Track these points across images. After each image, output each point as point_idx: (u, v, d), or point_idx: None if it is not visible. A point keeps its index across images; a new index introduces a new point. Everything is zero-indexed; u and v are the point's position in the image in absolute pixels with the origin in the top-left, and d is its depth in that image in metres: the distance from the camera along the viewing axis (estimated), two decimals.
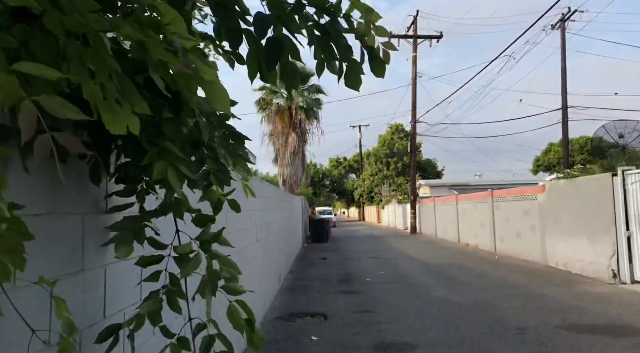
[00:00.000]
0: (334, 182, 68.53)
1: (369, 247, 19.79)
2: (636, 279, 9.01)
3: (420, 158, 52.06)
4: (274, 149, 26.87)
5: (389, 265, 13.42)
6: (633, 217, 9.03)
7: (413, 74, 28.64)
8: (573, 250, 10.77)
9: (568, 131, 27.60)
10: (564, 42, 26.55)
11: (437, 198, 24.47)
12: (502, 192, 15.42)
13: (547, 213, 12.10)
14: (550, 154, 56.51)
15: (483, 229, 17.08)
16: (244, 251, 5.83)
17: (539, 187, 12.72)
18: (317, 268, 13.19)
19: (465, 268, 12.43)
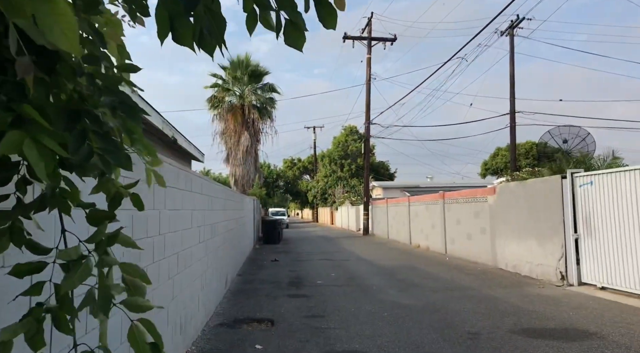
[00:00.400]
0: (288, 183, 68.04)
1: (321, 249, 19.50)
2: (583, 281, 9.10)
3: (373, 160, 52.43)
4: (225, 148, 26.18)
5: (340, 267, 13.16)
6: (581, 220, 9.12)
7: (367, 75, 28.65)
8: (522, 252, 10.84)
9: (515, 135, 28.30)
10: (512, 49, 27.23)
11: (389, 200, 24.51)
12: (453, 194, 15.49)
13: (497, 215, 12.17)
14: (498, 158, 58.24)
15: (434, 231, 17.13)
16: (184, 253, 5.36)
17: (490, 189, 12.80)
18: (268, 270, 12.75)
19: (417, 269, 12.33)
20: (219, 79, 26.23)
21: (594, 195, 8.77)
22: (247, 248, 16.97)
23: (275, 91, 27.03)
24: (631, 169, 7.87)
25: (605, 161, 10.40)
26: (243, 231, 14.66)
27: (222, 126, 26.23)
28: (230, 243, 10.45)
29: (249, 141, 25.62)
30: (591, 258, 8.86)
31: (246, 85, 26.23)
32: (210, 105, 25.95)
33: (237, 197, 12.46)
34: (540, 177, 10.57)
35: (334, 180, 50.57)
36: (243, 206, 14.52)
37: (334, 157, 52.34)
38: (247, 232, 16.62)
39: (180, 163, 13.32)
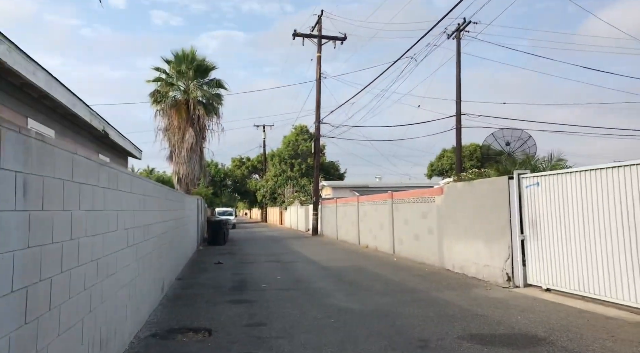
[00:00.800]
0: (236, 182, 66.84)
1: (268, 250, 18.99)
2: (529, 282, 9.08)
3: (323, 160, 52.30)
4: (169, 145, 25.11)
5: (287, 270, 12.72)
6: (527, 221, 9.11)
7: (317, 74, 28.36)
8: (469, 253, 10.78)
9: (461, 137, 28.81)
10: (459, 51, 27.69)
11: (339, 200, 24.30)
12: (402, 194, 15.38)
13: (444, 216, 12.11)
14: (444, 159, 59.56)
15: (383, 231, 17.00)
16: (107, 259, 4.77)
17: (438, 189, 12.73)
18: (210, 273, 12.13)
19: (365, 271, 12.07)
20: (162, 73, 25.14)
21: (540, 196, 8.76)
22: (190, 250, 16.23)
23: (222, 87, 26.20)
24: (577, 171, 7.89)
25: (549, 162, 10.49)
26: (185, 232, 13.95)
27: (166, 122, 25.15)
28: (168, 246, 9.79)
29: (194, 138, 24.67)
30: (537, 260, 8.85)
31: (191, 80, 25.28)
32: (152, 100, 24.80)
33: (177, 196, 11.78)
34: (487, 177, 10.54)
35: (284, 180, 50.06)
36: (184, 206, 13.81)
37: (284, 156, 51.86)
38: (189, 233, 15.88)
39: (116, 160, 12.51)
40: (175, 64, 24.83)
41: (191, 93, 24.84)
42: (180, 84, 25.38)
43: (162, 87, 24.90)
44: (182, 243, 13.24)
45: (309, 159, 46.08)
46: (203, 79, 26.05)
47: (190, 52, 25.23)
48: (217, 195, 62.61)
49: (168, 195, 9.92)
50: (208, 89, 25.72)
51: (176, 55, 25.07)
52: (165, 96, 24.89)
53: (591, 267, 7.58)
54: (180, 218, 12.66)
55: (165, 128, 25.27)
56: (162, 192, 8.96)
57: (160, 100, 24.73)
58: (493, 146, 32.64)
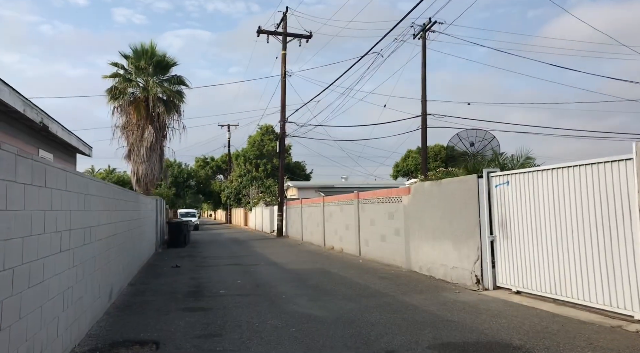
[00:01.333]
0: (200, 183, 65.35)
1: (230, 252, 18.29)
2: (498, 285, 8.79)
3: (289, 160, 51.72)
4: (127, 143, 24.04)
5: (248, 273, 12.11)
6: (497, 221, 8.81)
7: (282, 72, 27.78)
8: (437, 254, 10.45)
9: (427, 137, 28.73)
10: (424, 51, 27.60)
11: (304, 200, 23.78)
12: (368, 194, 14.99)
13: (412, 216, 11.75)
14: (409, 160, 59.79)
15: (348, 232, 16.58)
16: (30, 267, 4.11)
17: (405, 188, 12.37)
18: (166, 278, 11.41)
19: (330, 274, 11.59)
20: (120, 68, 24.04)
21: (510, 195, 8.47)
22: (147, 253, 15.40)
23: (183, 84, 25.29)
24: (549, 168, 7.61)
25: (518, 161, 10.27)
26: (140, 234, 13.16)
27: (124, 120, 24.07)
28: (118, 249, 9.06)
29: (154, 136, 23.68)
30: (507, 262, 8.56)
31: (151, 76, 24.30)
32: (110, 96, 23.67)
33: (130, 196, 11.01)
34: (455, 176, 10.23)
35: (249, 180, 49.20)
36: (140, 207, 13.01)
37: (249, 156, 51.01)
38: (146, 235, 15.06)
39: (62, 157, 11.62)
40: (134, 60, 23.80)
41: (151, 90, 23.84)
42: (139, 80, 24.34)
43: (119, 83, 23.80)
44: (138, 246, 12.46)
45: (274, 159, 45.37)
46: (163, 76, 25.08)
47: (150, 47, 24.25)
48: (180, 196, 61.10)
49: (118, 194, 9.19)
50: (169, 86, 24.75)
51: (135, 51, 24.05)
52: (123, 93, 23.82)
53: (563, 269, 7.31)
54: (135, 220, 11.89)
55: (124, 126, 24.18)
56: (110, 191, 8.23)
57: (117, 97, 23.64)
58: (458, 147, 32.81)
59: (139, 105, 23.53)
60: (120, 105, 24.00)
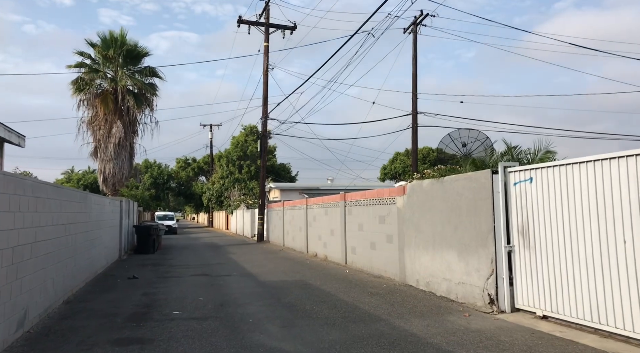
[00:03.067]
0: (181, 184, 63.10)
1: (202, 260, 16.41)
2: (518, 306, 7.10)
3: (274, 162, 49.83)
4: (93, 139, 22.08)
5: (215, 287, 10.28)
6: (515, 227, 7.12)
7: (264, 65, 25.98)
8: (438, 266, 8.73)
9: (417, 136, 27.14)
10: (415, 46, 26.03)
11: (286, 203, 21.98)
12: (356, 195, 13.25)
13: (407, 221, 10.04)
14: (397, 163, 58.35)
15: (333, 238, 14.82)
16: None
17: (399, 188, 10.66)
18: (114, 293, 9.54)
19: (310, 288, 9.82)
20: (86, 58, 22.10)
21: (534, 195, 6.80)
22: (103, 261, 13.47)
23: (156, 76, 23.46)
24: (588, 160, 5.94)
25: (536, 155, 8.62)
26: (90, 240, 11.26)
27: (91, 114, 22.14)
28: (42, 260, 7.21)
29: (123, 132, 21.78)
30: (528, 278, 6.87)
31: (120, 66, 22.39)
32: (74, 88, 21.71)
33: (72, 196, 9.13)
34: (460, 173, 8.53)
35: (231, 182, 47.16)
36: (89, 208, 11.12)
37: (232, 157, 48.94)
38: (102, 240, 13.14)
39: None
40: (102, 48, 21.86)
41: (119, 81, 21.92)
42: (107, 70, 22.42)
43: (86, 73, 21.84)
44: (85, 255, 10.57)
45: (258, 160, 43.43)
46: (134, 66, 23.22)
47: (119, 36, 22.34)
48: (160, 198, 58.82)
49: (45, 192, 7.33)
50: (140, 78, 22.86)
51: (103, 39, 22.13)
52: (90, 84, 21.85)
53: (609, 289, 5.63)
54: (80, 223, 10.01)
55: (90, 121, 22.25)
56: (26, 188, 6.38)
57: (83, 89, 21.68)
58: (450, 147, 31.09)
59: (107, 98, 21.59)
60: (86, 98, 22.06)
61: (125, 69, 22.56)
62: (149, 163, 60.33)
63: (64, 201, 8.50)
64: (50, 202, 7.55)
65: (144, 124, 23.34)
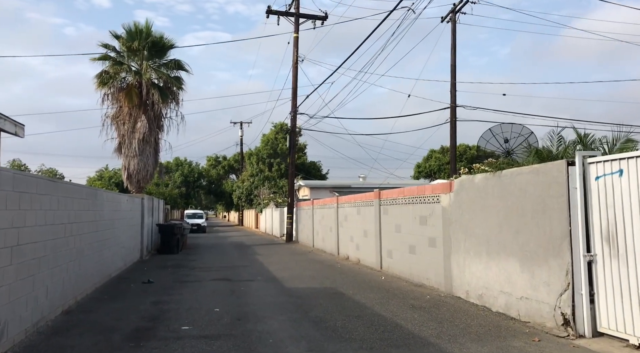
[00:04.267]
0: (211, 182, 62.80)
1: (227, 261, 15.40)
2: (600, 329, 5.69)
3: (304, 160, 48.80)
4: (117, 135, 21.34)
5: (234, 295, 9.17)
6: (598, 231, 5.72)
7: (294, 57, 24.87)
8: (495, 277, 7.37)
9: (456, 131, 25.55)
10: (454, 35, 24.49)
11: (315, 201, 20.80)
12: (392, 193, 11.94)
13: (454, 222, 8.69)
14: (432, 161, 56.46)
15: (367, 240, 13.55)
16: None
17: (444, 184, 9.30)
18: (122, 301, 8.54)
19: (342, 298, 8.59)
20: (111, 50, 21.39)
21: (625, 191, 5.39)
22: (120, 262, 12.58)
23: (182, 69, 22.52)
24: None
25: (614, 144, 7.16)
26: (102, 240, 10.34)
27: (114, 108, 21.43)
28: (41, 264, 6.24)
29: (147, 127, 20.96)
30: (617, 294, 5.47)
31: (145, 59, 21.60)
32: (98, 81, 21.01)
33: (75, 192, 8.15)
34: (523, 165, 7.14)
35: (261, 180, 46.32)
36: (102, 206, 10.19)
37: (262, 155, 48.08)
38: (119, 241, 12.25)
39: None
40: (126, 40, 21.05)
41: (144, 74, 21.12)
42: (132, 63, 21.66)
43: (110, 67, 21.11)
44: (95, 257, 9.63)
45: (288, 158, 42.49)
46: (160, 59, 22.35)
47: (144, 27, 21.54)
48: (190, 196, 58.65)
49: (37, 187, 6.34)
50: (165, 71, 22.01)
51: (128, 31, 21.35)
52: (114, 77, 21.13)
53: None
54: (88, 222, 9.07)
55: (114, 115, 21.52)
56: (7, 181, 5.37)
57: (107, 82, 20.94)
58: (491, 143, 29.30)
59: (131, 92, 20.78)
60: (110, 93, 21.35)
61: (150, 61, 21.78)
62: (180, 161, 60.25)
63: (63, 197, 7.52)
64: (42, 198, 6.55)
65: (170, 119, 22.48)
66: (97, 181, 52.10)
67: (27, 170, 33.38)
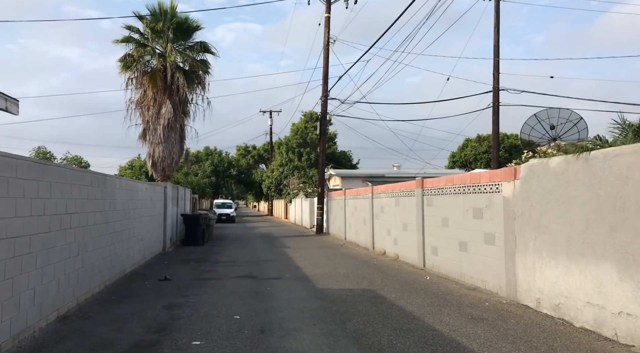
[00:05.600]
0: (241, 172, 62.17)
1: (252, 255, 14.27)
2: None
3: (334, 149, 47.51)
4: (142, 121, 20.46)
5: (258, 297, 7.97)
6: None
7: (325, 39, 23.49)
8: (578, 284, 5.92)
9: (499, 116, 23.67)
10: (497, 14, 22.63)
11: (348, 191, 19.47)
12: (438, 181, 10.51)
13: (520, 215, 7.24)
14: (467, 150, 54.27)
15: (407, 234, 12.17)
16: None
17: (506, 171, 7.82)
18: (128, 305, 7.44)
19: (385, 304, 7.28)
20: (135, 32, 20.46)
21: None
22: (138, 256, 11.58)
23: (208, 51, 21.46)
24: None
25: None
26: (114, 233, 9.30)
27: (139, 93, 20.53)
28: (24, 263, 5.14)
29: (172, 113, 19.98)
30: None
31: (170, 41, 20.58)
32: (122, 65, 20.11)
33: (74, 177, 7.05)
34: (618, 146, 5.63)
35: (290, 170, 45.24)
36: (113, 194, 9.13)
37: (292, 145, 46.96)
38: (136, 232, 11.24)
39: None
40: (150, 22, 20.09)
41: (168, 57, 20.12)
42: (156, 46, 20.69)
43: (134, 49, 20.18)
44: (103, 251, 8.59)
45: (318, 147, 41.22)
46: (185, 42, 21.34)
47: (169, 8, 20.50)
48: (220, 185, 58.12)
49: (16, 170, 5.23)
50: (191, 54, 20.98)
51: (152, 12, 20.35)
52: (138, 61, 20.18)
53: None
54: (94, 212, 8.01)
55: (138, 101, 20.62)
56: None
57: (130, 66, 20.03)
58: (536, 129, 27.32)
59: (155, 76, 19.81)
60: (135, 77, 20.44)
61: (175, 44, 20.76)
62: (210, 150, 59.72)
63: (58, 184, 6.42)
64: (25, 184, 5.44)
65: (196, 105, 21.51)
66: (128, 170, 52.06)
67: (52, 158, 33.07)
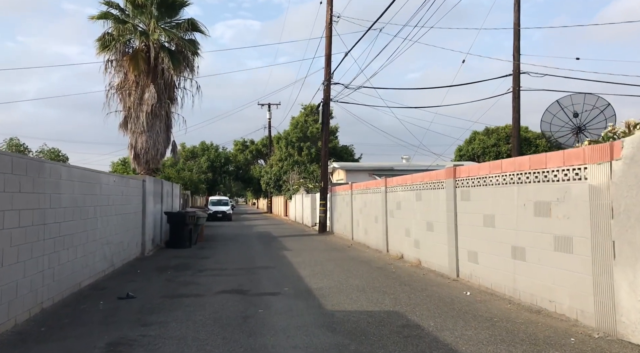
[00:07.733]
0: (239, 168, 59.94)
1: (245, 260, 12.07)
2: None
3: (336, 144, 45.24)
4: (123, 108, 18.22)
5: (247, 325, 5.76)
6: None
7: (327, 18, 21.24)
8: None
9: (520, 102, 21.37)
10: None
11: (355, 185, 17.26)
12: (479, 168, 8.28)
13: (622, 213, 5.05)
14: (475, 143, 51.97)
15: (434, 235, 9.96)
16: None
17: (596, 148, 5.58)
18: (56, 343, 5.25)
19: (424, 340, 5.07)
20: (114, 8, 18.22)
21: None
22: (103, 264, 9.37)
23: (197, 30, 19.17)
24: None
25: None
26: (60, 237, 7.09)
27: (119, 77, 18.29)
28: None
29: (156, 98, 17.75)
30: None
31: (155, 18, 18.31)
32: (100, 45, 17.87)
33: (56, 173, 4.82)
34: None
35: (290, 165, 42.98)
36: (58, 187, 6.92)
37: (292, 139, 44.69)
38: (100, 234, 9.06)
39: None
40: None
41: (152, 35, 17.86)
42: (138, 24, 18.43)
43: (113, 27, 17.94)
44: (38, 263, 6.39)
45: (319, 142, 38.96)
46: (171, 19, 19.07)
47: None
48: (217, 181, 55.92)
49: None
50: (177, 32, 18.72)
51: None
52: (117, 40, 17.91)
53: None
54: (29, 210, 5.80)
55: (119, 85, 18.37)
56: None
57: (108, 46, 17.78)
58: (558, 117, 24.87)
59: (137, 57, 17.54)
60: (115, 58, 18.18)
61: (160, 22, 18.50)
62: (206, 145, 57.49)
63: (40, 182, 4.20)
64: None
65: (184, 89, 19.27)
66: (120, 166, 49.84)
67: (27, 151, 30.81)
